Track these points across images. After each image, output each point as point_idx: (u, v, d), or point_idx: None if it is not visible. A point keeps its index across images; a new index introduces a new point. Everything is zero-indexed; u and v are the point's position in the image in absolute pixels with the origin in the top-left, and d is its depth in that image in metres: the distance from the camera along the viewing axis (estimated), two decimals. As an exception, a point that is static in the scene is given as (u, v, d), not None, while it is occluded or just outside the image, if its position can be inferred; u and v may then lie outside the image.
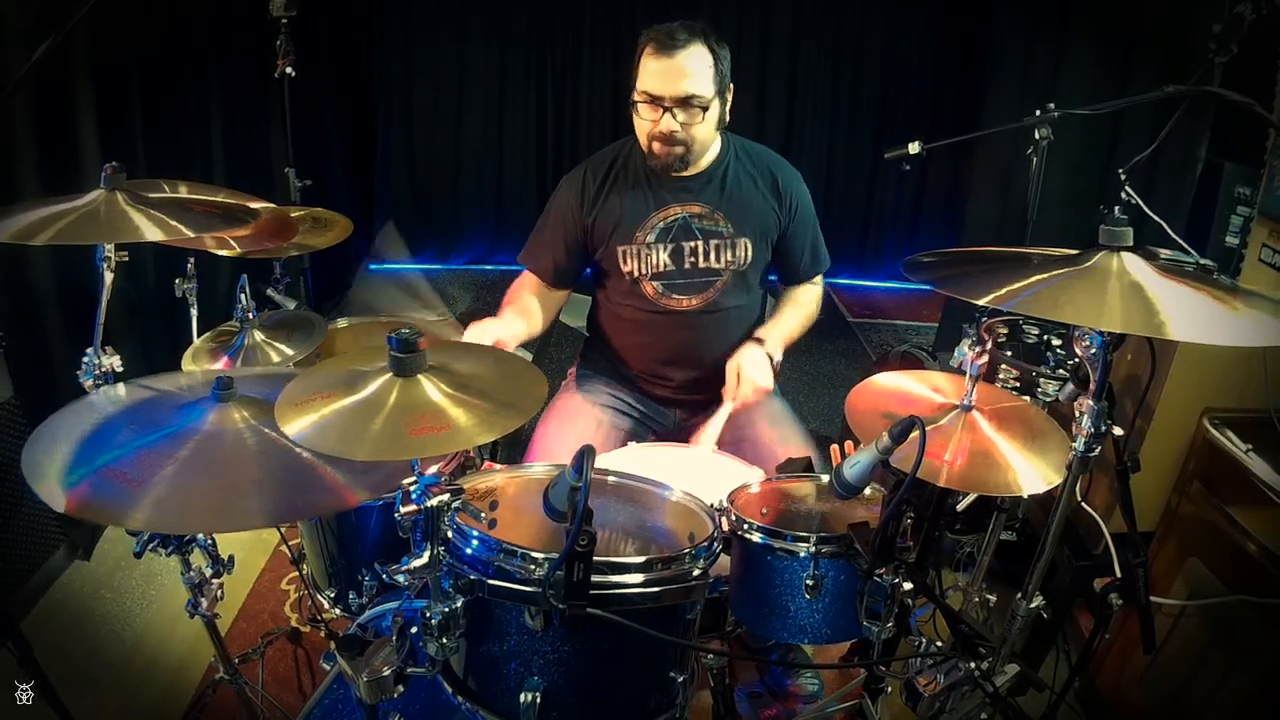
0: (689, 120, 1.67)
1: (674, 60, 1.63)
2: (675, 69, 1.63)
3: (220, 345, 1.72)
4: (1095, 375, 1.09)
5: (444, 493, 1.00)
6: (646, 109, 1.69)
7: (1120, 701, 1.79)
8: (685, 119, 1.67)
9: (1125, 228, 1.07)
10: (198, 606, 1.30)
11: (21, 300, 2.05)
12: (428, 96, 4.58)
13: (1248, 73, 1.94)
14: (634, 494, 1.33)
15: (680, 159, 1.72)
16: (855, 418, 1.43)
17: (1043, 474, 1.30)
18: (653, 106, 1.68)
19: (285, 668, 1.94)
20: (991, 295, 1.04)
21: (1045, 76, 3.48)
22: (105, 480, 1.01)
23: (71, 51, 2.15)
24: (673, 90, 1.65)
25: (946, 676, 1.22)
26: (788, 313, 1.93)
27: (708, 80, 1.66)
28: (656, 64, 1.65)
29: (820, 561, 1.16)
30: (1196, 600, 1.63)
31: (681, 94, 1.65)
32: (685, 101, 1.65)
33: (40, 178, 2.05)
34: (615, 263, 1.84)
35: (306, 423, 1.00)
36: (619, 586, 1.06)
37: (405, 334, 1.03)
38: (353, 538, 1.50)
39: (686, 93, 1.64)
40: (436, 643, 1.05)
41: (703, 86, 1.65)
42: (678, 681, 1.15)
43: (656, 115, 1.68)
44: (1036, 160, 1.94)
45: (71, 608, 2.07)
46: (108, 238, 1.26)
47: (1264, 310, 0.99)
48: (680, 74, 1.64)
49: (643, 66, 1.68)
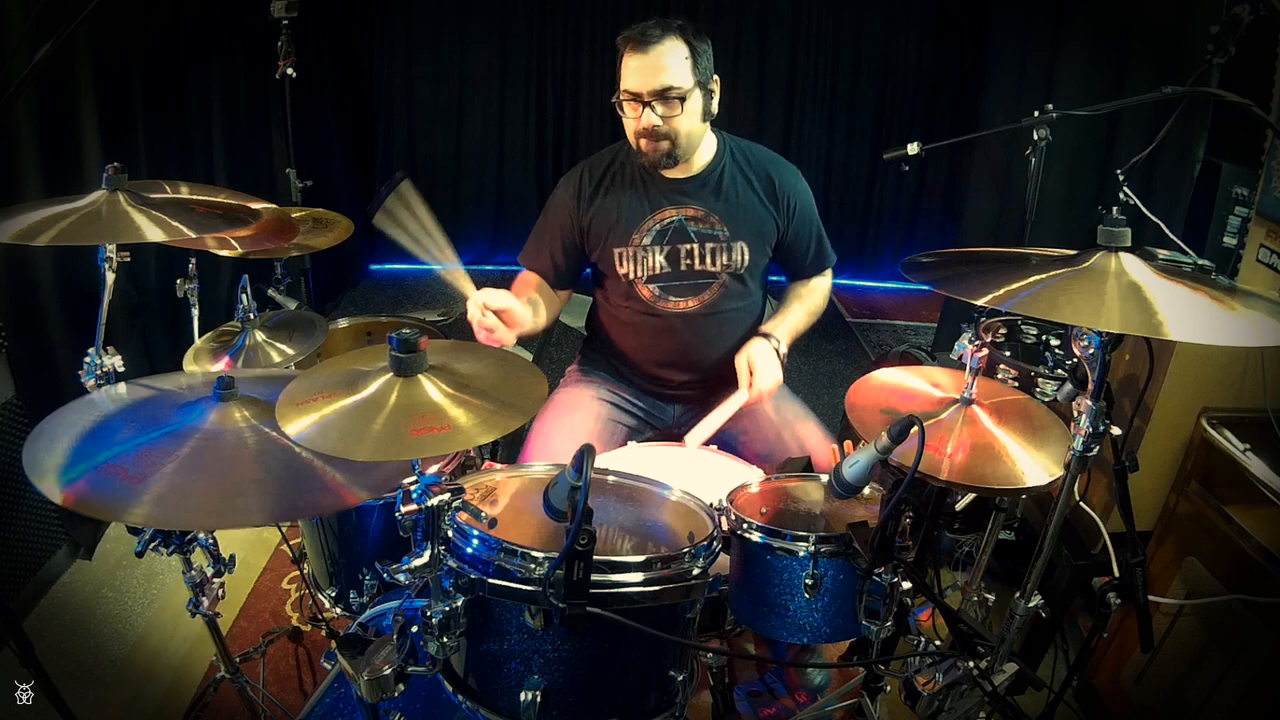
0: (669, 112, 1.69)
1: (649, 56, 1.66)
2: (651, 64, 1.66)
3: (221, 345, 1.72)
4: (1093, 375, 1.10)
5: (444, 492, 1.01)
6: (630, 107, 1.71)
7: (1118, 700, 1.79)
8: (665, 111, 1.68)
9: (1123, 228, 1.08)
10: (199, 605, 1.31)
11: (23, 301, 2.06)
12: (428, 97, 4.59)
13: (1245, 73, 1.95)
14: (634, 493, 1.33)
15: (668, 154, 1.73)
16: (855, 414, 1.44)
17: (1044, 466, 1.30)
18: (634, 104, 1.70)
19: (286, 666, 1.95)
20: (990, 295, 1.04)
21: (1043, 77, 3.48)
22: (106, 476, 1.01)
23: (74, 53, 2.15)
24: (650, 84, 1.67)
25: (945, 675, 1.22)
26: (794, 306, 1.94)
27: (685, 72, 1.68)
28: (634, 61, 1.67)
29: (819, 561, 1.16)
30: (1194, 599, 1.64)
31: (659, 87, 1.66)
32: (663, 94, 1.67)
33: (42, 178, 2.06)
34: (612, 265, 1.84)
35: (307, 422, 1.00)
36: (619, 585, 1.07)
37: (406, 334, 1.04)
38: (353, 537, 1.50)
39: (664, 85, 1.66)
40: (437, 641, 1.06)
41: (680, 78, 1.67)
42: (677, 680, 1.15)
43: (638, 112, 1.70)
44: (1035, 161, 1.95)
45: (73, 607, 2.08)
46: (109, 238, 1.27)
47: (1261, 310, 0.99)
48: (657, 68, 1.66)
49: (623, 67, 1.70)
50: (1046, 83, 3.44)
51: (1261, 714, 1.48)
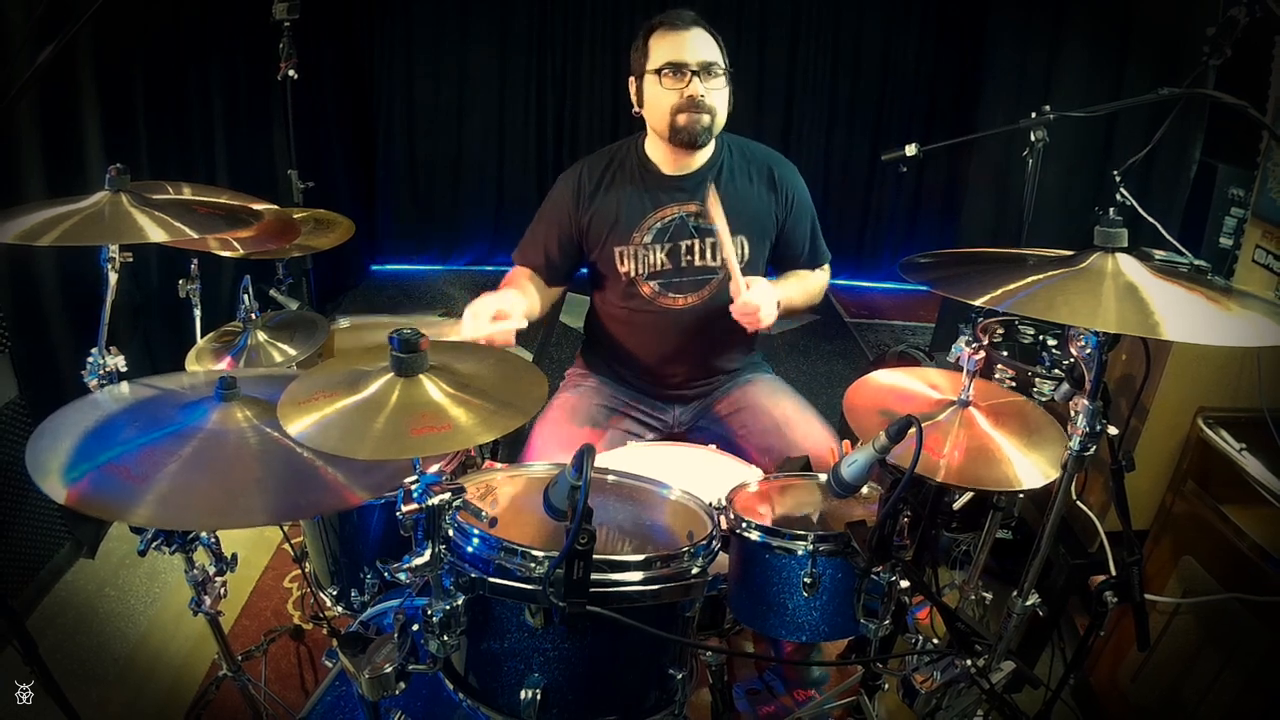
0: (713, 85, 1.71)
1: (690, 34, 1.70)
2: (693, 40, 1.70)
3: (223, 345, 1.73)
4: (1090, 375, 1.10)
5: (445, 491, 1.01)
6: (670, 79, 1.71)
7: (1115, 698, 1.80)
8: (710, 84, 1.71)
9: (1120, 229, 1.08)
10: (201, 604, 1.31)
11: (27, 301, 2.07)
12: (428, 99, 4.60)
13: (1241, 75, 1.95)
14: (633, 493, 1.34)
15: (706, 130, 1.74)
16: (853, 414, 1.44)
17: (1040, 468, 1.31)
18: (677, 76, 1.70)
19: (288, 665, 1.95)
20: (987, 296, 1.04)
21: (1041, 79, 3.49)
22: (108, 476, 1.02)
23: (76, 55, 2.16)
24: (697, 56, 1.69)
25: (943, 673, 1.23)
26: (791, 280, 1.94)
27: (720, 56, 1.73)
28: (674, 36, 1.70)
29: (818, 559, 1.17)
30: (1190, 598, 1.64)
31: (706, 59, 1.70)
32: (708, 68, 1.70)
33: (45, 179, 2.07)
34: (612, 263, 1.85)
35: (309, 422, 1.00)
36: (618, 584, 1.07)
37: (407, 334, 1.04)
38: (355, 536, 1.51)
39: (709, 59, 1.70)
40: (438, 640, 1.06)
41: (720, 58, 1.72)
42: (676, 678, 1.16)
43: (682, 82, 1.70)
44: (1032, 162, 1.95)
45: (76, 605, 2.09)
46: (112, 239, 1.27)
47: (1257, 311, 1.00)
48: (699, 44, 1.70)
49: (655, 45, 1.72)
50: (1045, 84, 3.45)
51: (1257, 711, 1.48)
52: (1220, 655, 1.56)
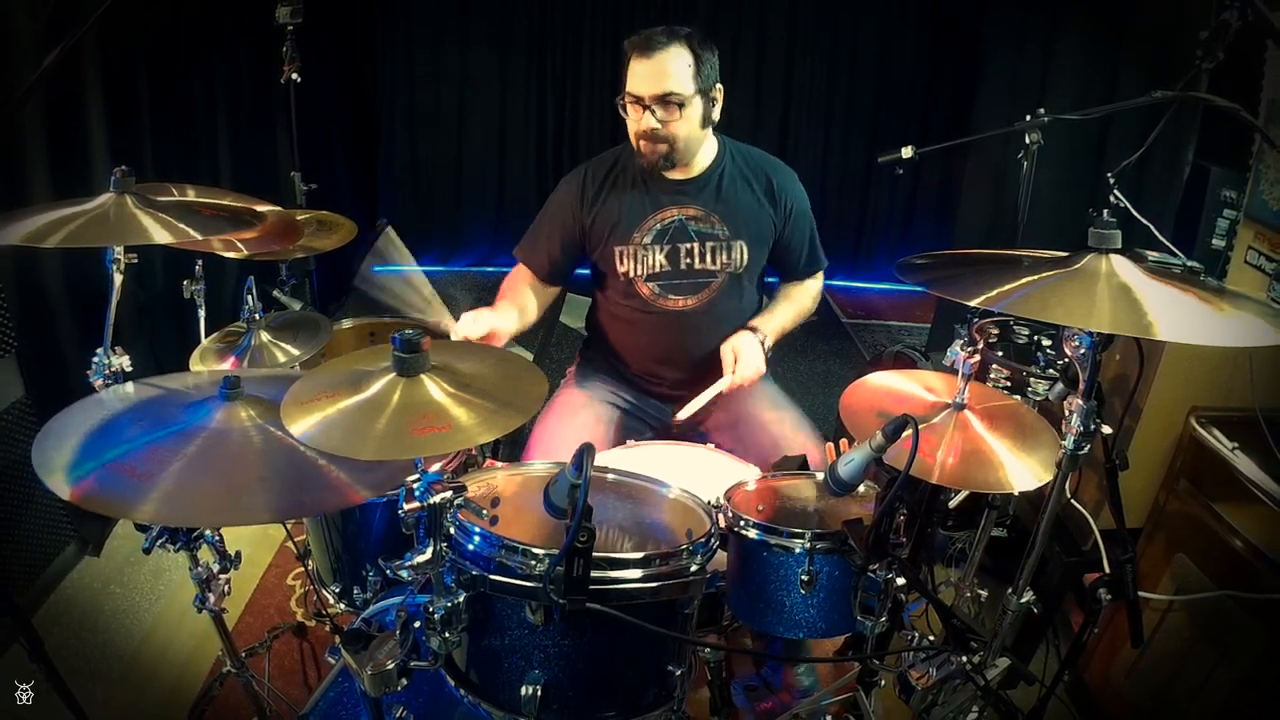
0: (667, 117, 1.72)
1: (654, 61, 1.69)
2: (655, 69, 1.69)
3: (227, 345, 1.74)
4: (1084, 375, 1.11)
5: (446, 490, 1.02)
6: (632, 109, 1.75)
7: (1109, 694, 1.81)
8: (664, 116, 1.72)
9: (1114, 230, 1.08)
10: (205, 601, 1.32)
11: (33, 302, 2.08)
12: (430, 101, 4.61)
13: (1234, 78, 1.96)
14: (633, 491, 1.35)
15: (665, 157, 1.76)
16: (849, 416, 1.45)
17: (1033, 471, 1.32)
18: (636, 106, 1.73)
19: (291, 661, 1.97)
20: (983, 296, 1.05)
21: (1036, 81, 3.50)
22: (114, 474, 1.03)
23: (82, 58, 2.17)
24: (651, 89, 1.70)
25: (939, 670, 1.24)
26: (782, 306, 1.98)
27: (687, 79, 1.71)
28: (639, 66, 1.71)
29: (815, 557, 1.18)
30: (1184, 595, 1.66)
31: (660, 92, 1.70)
32: (663, 99, 1.70)
33: (51, 181, 2.07)
34: (612, 263, 1.87)
35: (312, 422, 1.01)
36: (618, 582, 1.08)
37: (409, 334, 1.05)
38: (357, 534, 1.52)
39: (665, 90, 1.70)
40: (439, 637, 1.08)
41: (681, 85, 1.70)
42: (675, 675, 1.17)
43: (639, 114, 1.73)
44: (1027, 164, 1.97)
45: (81, 603, 2.10)
46: (117, 240, 1.28)
47: (1250, 311, 1.01)
48: (660, 74, 1.69)
49: (629, 70, 1.74)
50: (1040, 87, 3.46)
51: (1250, 708, 1.50)
52: (1214, 652, 1.58)
